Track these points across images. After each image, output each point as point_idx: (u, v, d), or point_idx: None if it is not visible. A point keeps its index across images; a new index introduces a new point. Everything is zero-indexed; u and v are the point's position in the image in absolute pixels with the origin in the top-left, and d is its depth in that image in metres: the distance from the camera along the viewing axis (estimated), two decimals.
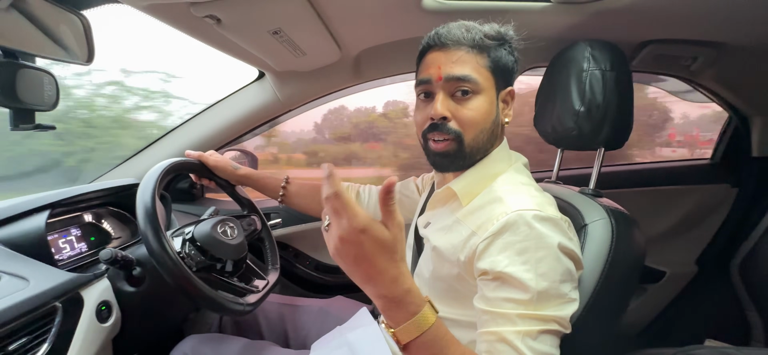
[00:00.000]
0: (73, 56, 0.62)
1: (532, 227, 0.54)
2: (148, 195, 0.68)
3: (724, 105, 1.29)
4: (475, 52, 0.62)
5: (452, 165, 0.65)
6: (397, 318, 0.46)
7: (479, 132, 0.62)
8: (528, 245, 0.53)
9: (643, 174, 1.43)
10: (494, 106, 0.64)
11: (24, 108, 0.54)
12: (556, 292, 0.54)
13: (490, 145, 0.65)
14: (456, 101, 0.62)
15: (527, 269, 0.53)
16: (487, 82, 0.62)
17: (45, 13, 0.57)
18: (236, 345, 0.78)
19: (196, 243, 0.75)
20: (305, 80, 1.08)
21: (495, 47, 0.63)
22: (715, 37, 0.94)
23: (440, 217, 0.69)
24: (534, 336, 0.52)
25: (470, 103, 0.61)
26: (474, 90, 0.61)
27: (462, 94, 0.61)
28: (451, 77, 0.61)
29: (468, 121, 0.62)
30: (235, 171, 0.93)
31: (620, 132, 0.77)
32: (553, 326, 0.53)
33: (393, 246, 0.43)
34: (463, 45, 0.61)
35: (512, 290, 0.53)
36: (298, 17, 0.72)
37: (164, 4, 0.62)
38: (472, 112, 0.61)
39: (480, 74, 0.61)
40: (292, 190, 0.96)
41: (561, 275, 0.54)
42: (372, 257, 0.43)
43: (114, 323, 0.72)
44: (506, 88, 0.66)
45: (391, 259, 0.44)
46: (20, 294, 0.58)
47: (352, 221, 0.41)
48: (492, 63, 0.62)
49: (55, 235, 0.79)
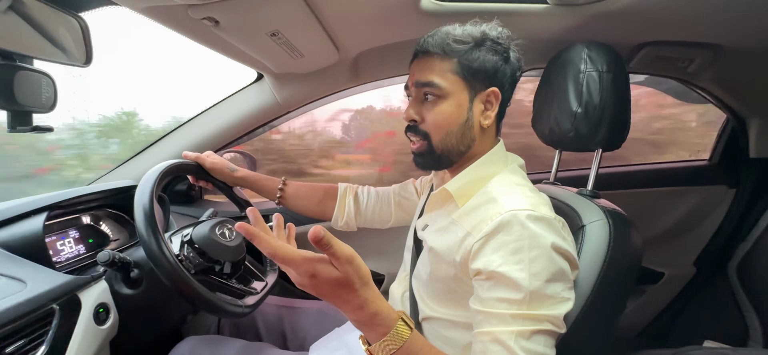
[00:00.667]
0: (72, 58, 0.62)
1: (525, 227, 0.54)
2: (146, 197, 0.68)
3: (722, 106, 1.29)
4: (442, 58, 0.64)
5: (427, 164, 0.69)
6: (370, 337, 0.50)
7: (446, 134, 0.65)
8: (521, 245, 0.54)
9: (642, 175, 1.43)
10: (464, 109, 0.64)
11: (22, 110, 0.54)
12: (550, 291, 0.54)
13: (464, 146, 0.66)
14: (425, 106, 0.66)
15: (520, 269, 0.53)
16: (454, 87, 0.64)
17: (43, 15, 0.57)
18: (234, 347, 0.78)
19: (195, 245, 0.75)
20: (303, 82, 1.08)
21: (467, 51, 0.63)
22: (712, 39, 0.94)
23: (437, 218, 0.70)
24: (527, 336, 0.52)
25: (435, 108, 0.64)
26: (439, 95, 0.64)
27: (429, 98, 0.65)
28: (419, 83, 0.65)
29: (432, 125, 0.65)
30: (232, 173, 0.93)
31: (617, 133, 0.78)
32: (547, 326, 0.53)
33: (347, 280, 0.46)
34: (432, 52, 0.64)
35: (505, 289, 0.54)
36: (296, 19, 0.72)
37: (162, 7, 0.62)
38: (436, 116, 0.65)
39: (445, 79, 0.63)
40: (289, 191, 0.96)
41: (554, 275, 0.54)
42: (331, 292, 0.47)
43: (111, 326, 0.72)
44: (486, 89, 0.64)
45: (349, 290, 0.46)
46: (17, 297, 0.58)
47: (300, 269, 0.45)
48: (460, 67, 0.63)
49: (53, 237, 0.79)
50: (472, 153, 0.67)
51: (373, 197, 0.97)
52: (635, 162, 1.52)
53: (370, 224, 0.99)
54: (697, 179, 1.40)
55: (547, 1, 0.81)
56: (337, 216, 0.97)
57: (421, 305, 0.71)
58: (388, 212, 0.97)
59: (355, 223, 0.98)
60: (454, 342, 0.65)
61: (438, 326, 0.67)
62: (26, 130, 0.56)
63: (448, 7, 0.83)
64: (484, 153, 0.67)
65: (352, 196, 0.97)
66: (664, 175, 1.43)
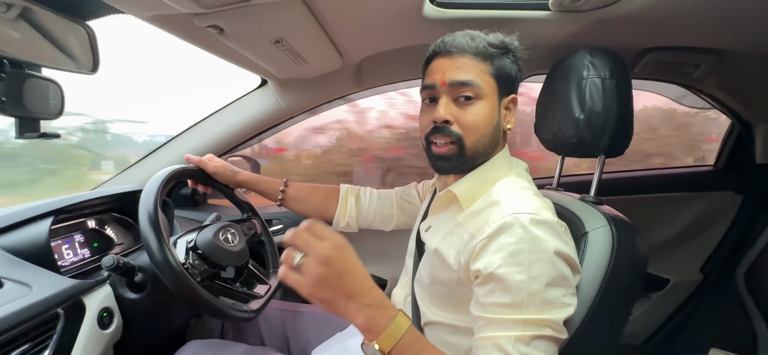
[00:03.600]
0: (79, 66, 0.63)
1: (527, 230, 0.54)
2: (150, 202, 0.69)
3: (728, 112, 1.28)
4: (479, 60, 0.63)
5: (452, 168, 0.67)
6: (380, 324, 0.51)
7: (480, 136, 0.64)
8: (522, 248, 0.54)
9: (646, 181, 1.42)
10: (496, 112, 0.65)
11: (30, 117, 0.55)
12: (550, 296, 0.54)
13: (491, 149, 0.67)
14: (459, 106, 0.64)
15: (520, 271, 0.53)
16: (489, 89, 0.64)
17: (52, 23, 0.58)
18: (237, 351, 0.78)
19: (198, 250, 0.75)
20: (307, 88, 1.09)
21: (498, 56, 0.64)
22: (716, 45, 0.94)
23: (441, 221, 0.70)
24: (526, 341, 0.52)
25: (472, 108, 0.63)
26: (476, 95, 0.63)
27: (465, 99, 0.63)
28: (455, 82, 0.63)
29: (469, 125, 0.63)
30: (234, 175, 0.94)
31: (620, 139, 0.77)
32: (547, 331, 0.53)
33: (355, 262, 0.51)
34: (467, 52, 0.63)
35: (504, 293, 0.54)
36: (299, 26, 0.73)
37: (168, 15, 0.63)
38: (474, 117, 0.63)
39: (483, 80, 0.63)
40: (290, 193, 0.96)
41: (555, 279, 0.54)
42: (354, 267, 0.50)
43: (115, 330, 0.73)
44: (509, 96, 0.67)
45: (357, 273, 0.50)
46: (23, 301, 0.58)
47: (334, 239, 0.49)
48: (495, 70, 0.64)
49: (58, 241, 0.80)
50: (492, 156, 0.68)
51: (374, 198, 0.97)
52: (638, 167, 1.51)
53: (372, 224, 0.99)
54: (702, 184, 1.38)
55: (550, 8, 0.81)
56: (338, 217, 0.97)
57: (423, 309, 0.70)
58: (390, 214, 0.97)
59: (356, 224, 0.98)
60: (456, 347, 0.65)
61: (440, 331, 0.67)
62: (34, 136, 0.57)
63: (450, 13, 0.83)
64: (494, 156, 0.68)
65: (354, 197, 0.97)
66: (669, 180, 1.41)
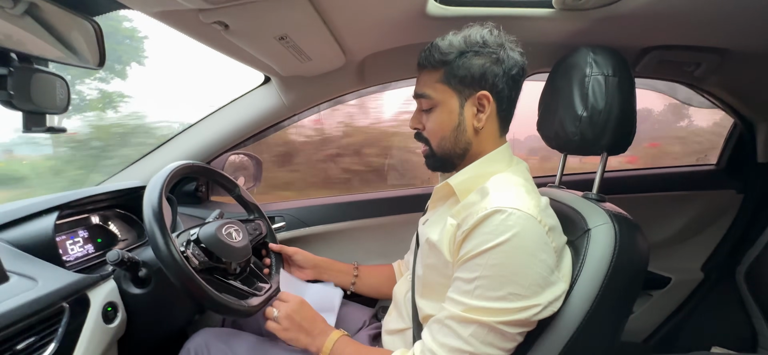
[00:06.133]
0: (85, 61, 0.64)
1: (504, 223, 0.56)
2: (154, 197, 0.69)
3: (730, 111, 1.28)
4: (430, 70, 0.69)
5: (433, 167, 0.74)
6: (324, 344, 0.72)
7: (441, 139, 0.70)
8: (495, 239, 0.56)
9: (648, 179, 1.42)
10: (455, 114, 0.68)
11: (37, 111, 0.56)
12: (512, 289, 0.56)
13: (461, 149, 0.70)
14: (425, 114, 0.72)
15: (483, 259, 0.56)
16: (442, 95, 0.68)
17: (58, 19, 0.58)
18: (247, 341, 0.80)
19: (201, 245, 0.76)
20: (310, 85, 1.09)
21: (452, 60, 0.66)
22: (718, 44, 0.94)
23: (438, 214, 0.73)
24: (459, 320, 0.58)
25: (431, 116, 0.71)
26: (431, 105, 0.70)
27: (425, 108, 0.71)
28: (415, 95, 0.73)
29: (430, 132, 0.71)
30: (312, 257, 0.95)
31: (623, 137, 0.77)
32: (485, 318, 0.56)
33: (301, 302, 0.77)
34: (424, 67, 0.70)
35: (464, 274, 0.58)
36: (304, 24, 0.73)
37: (174, 11, 0.63)
38: (432, 124, 0.71)
39: (434, 89, 0.69)
40: (362, 274, 0.99)
41: (517, 275, 0.56)
42: (310, 316, 0.75)
43: (120, 324, 0.73)
44: (476, 93, 0.67)
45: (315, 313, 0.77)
46: (29, 294, 0.59)
47: (295, 300, 0.76)
48: (446, 76, 0.67)
49: (63, 236, 0.80)
50: (473, 153, 0.70)
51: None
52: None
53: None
54: (704, 183, 1.39)
55: (553, 6, 0.82)
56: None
57: (419, 303, 0.72)
58: None
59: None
60: None
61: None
62: (40, 131, 0.57)
63: (454, 11, 0.83)
64: (487, 152, 0.69)
65: (404, 264, 0.99)
66: (670, 179, 1.42)
